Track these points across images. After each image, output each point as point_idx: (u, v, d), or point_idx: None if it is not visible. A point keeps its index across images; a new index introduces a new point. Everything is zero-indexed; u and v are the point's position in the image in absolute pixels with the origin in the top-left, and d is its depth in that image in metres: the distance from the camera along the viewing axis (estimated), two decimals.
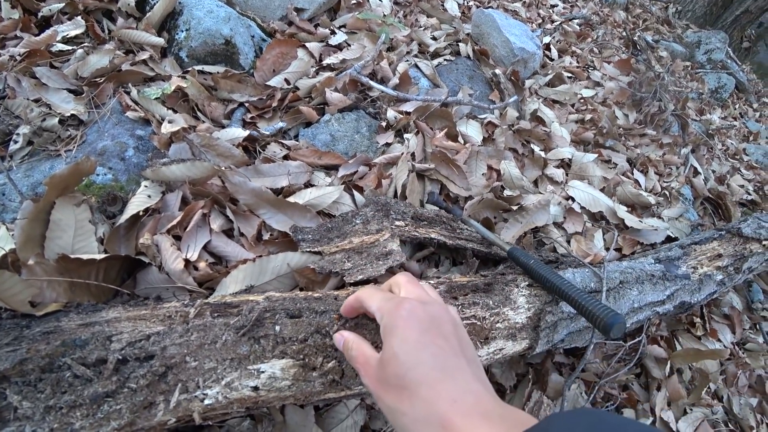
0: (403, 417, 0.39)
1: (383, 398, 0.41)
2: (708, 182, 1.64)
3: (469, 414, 0.36)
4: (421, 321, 0.42)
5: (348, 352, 0.48)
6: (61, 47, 0.94)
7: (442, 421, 0.36)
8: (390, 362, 0.41)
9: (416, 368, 0.39)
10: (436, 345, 0.41)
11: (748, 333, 1.26)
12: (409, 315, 0.43)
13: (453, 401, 0.37)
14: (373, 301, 0.47)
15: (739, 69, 3.26)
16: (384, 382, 0.41)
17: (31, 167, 0.76)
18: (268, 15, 1.21)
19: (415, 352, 0.40)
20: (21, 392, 0.46)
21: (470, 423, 0.35)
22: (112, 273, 0.65)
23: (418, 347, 0.40)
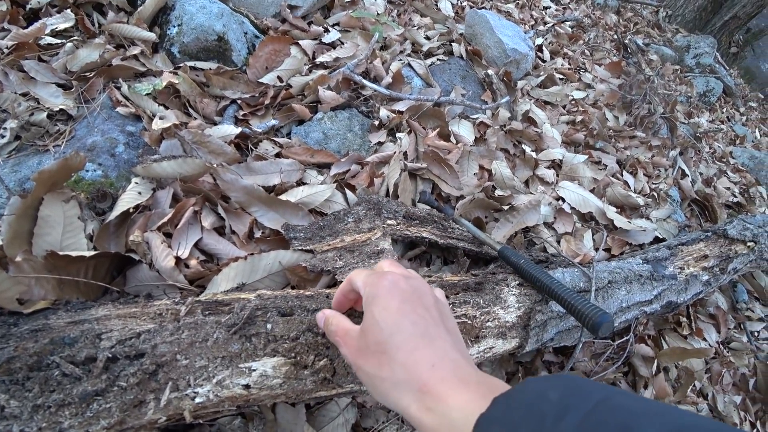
0: (382, 382, 0.39)
1: (363, 366, 0.41)
2: (695, 184, 1.67)
3: (447, 379, 0.37)
4: (403, 291, 0.43)
5: (328, 327, 0.48)
6: (49, 40, 0.93)
7: (420, 385, 0.37)
8: (371, 329, 0.41)
9: (396, 334, 0.40)
10: (416, 314, 0.42)
11: (733, 332, 1.28)
12: (392, 285, 0.44)
13: (431, 366, 0.38)
14: (359, 277, 0.47)
15: (727, 73, 3.32)
16: (364, 350, 0.42)
17: (18, 162, 0.75)
18: (261, 11, 1.21)
19: (396, 319, 0.41)
20: (8, 391, 0.46)
21: (448, 387, 0.36)
22: (102, 270, 0.64)
23: (399, 315, 0.41)
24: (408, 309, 0.42)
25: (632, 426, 0.25)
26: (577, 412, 0.27)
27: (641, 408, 0.27)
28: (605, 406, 0.27)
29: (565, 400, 0.29)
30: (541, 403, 0.29)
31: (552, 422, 0.27)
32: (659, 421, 0.25)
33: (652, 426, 0.24)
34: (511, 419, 0.30)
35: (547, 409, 0.28)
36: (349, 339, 0.44)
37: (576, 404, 0.28)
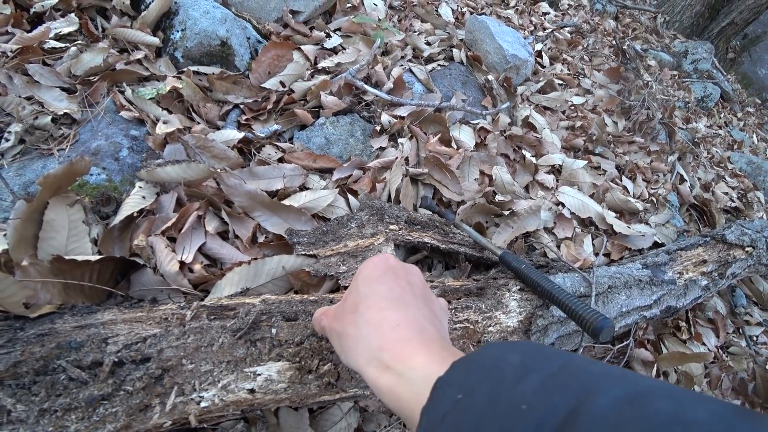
0: (347, 339, 0.40)
1: (334, 327, 0.43)
2: (694, 189, 1.68)
3: (410, 340, 0.36)
4: (388, 266, 0.45)
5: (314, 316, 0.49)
6: (54, 44, 0.93)
7: (381, 343, 0.36)
8: (351, 292, 0.43)
9: (370, 296, 0.41)
10: (396, 283, 0.43)
11: (732, 337, 1.29)
12: (380, 260, 0.45)
13: (396, 325, 0.37)
14: None
15: (725, 79, 3.34)
16: (342, 313, 0.43)
17: (23, 166, 0.75)
18: (263, 16, 1.21)
19: (373, 284, 0.42)
20: (15, 395, 0.46)
21: (410, 348, 0.35)
22: (106, 274, 0.64)
23: (377, 281, 0.43)
24: (389, 278, 0.43)
25: (592, 388, 0.24)
26: (537, 375, 0.27)
27: (601, 371, 0.26)
28: (566, 370, 0.27)
29: (526, 363, 0.28)
30: (500, 366, 0.29)
31: (511, 384, 0.27)
32: (619, 384, 0.24)
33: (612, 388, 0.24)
34: (469, 382, 0.29)
35: (507, 371, 0.28)
36: (329, 310, 0.46)
37: (536, 367, 0.27)
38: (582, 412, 0.23)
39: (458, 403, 0.27)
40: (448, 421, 0.27)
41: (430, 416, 0.29)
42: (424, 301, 0.43)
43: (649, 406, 0.22)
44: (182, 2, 1.00)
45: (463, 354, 0.35)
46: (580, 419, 0.22)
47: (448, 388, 0.29)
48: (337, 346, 0.42)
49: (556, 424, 0.23)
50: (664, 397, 0.23)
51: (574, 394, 0.24)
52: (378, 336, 0.37)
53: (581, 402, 0.23)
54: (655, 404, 0.22)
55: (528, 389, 0.26)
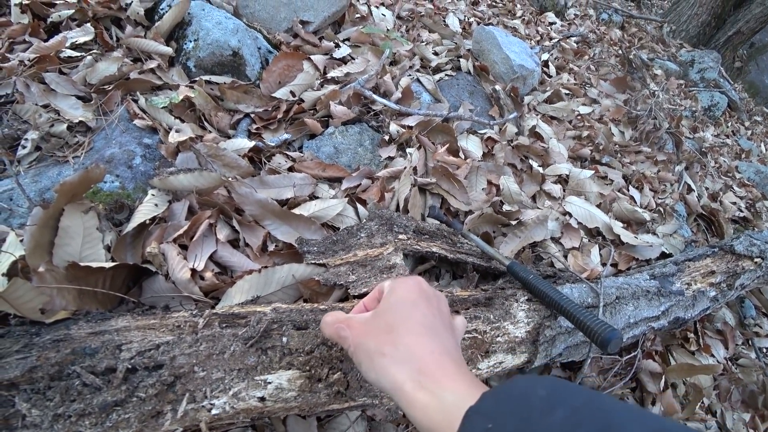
0: (382, 357, 0.41)
1: (365, 342, 0.43)
2: (701, 199, 1.68)
3: (446, 367, 0.39)
4: (422, 291, 0.47)
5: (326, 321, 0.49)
6: (70, 53, 0.95)
7: (421, 365, 0.39)
8: (386, 311, 0.44)
9: (408, 320, 0.43)
10: (429, 310, 0.45)
11: (741, 348, 1.28)
12: (414, 283, 0.47)
13: (432, 352, 0.40)
14: (389, 281, 0.50)
15: (732, 88, 3.34)
16: (373, 329, 0.44)
17: (38, 173, 0.77)
18: (273, 27, 1.23)
19: (410, 308, 0.44)
20: (30, 400, 0.46)
21: (445, 373, 0.38)
22: (119, 281, 0.65)
23: (413, 306, 0.44)
24: (423, 304, 0.45)
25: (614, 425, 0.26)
26: (563, 409, 0.28)
27: (623, 408, 0.28)
28: (591, 406, 0.29)
29: (553, 397, 0.30)
30: (529, 398, 0.31)
31: (539, 416, 0.28)
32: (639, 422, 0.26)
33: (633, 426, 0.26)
34: (499, 412, 0.31)
35: (535, 404, 0.30)
36: (353, 322, 0.46)
37: (562, 402, 0.29)
38: None
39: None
40: None
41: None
42: (451, 329, 0.46)
43: None
44: (195, 13, 1.02)
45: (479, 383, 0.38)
46: None
47: (479, 418, 0.31)
48: (365, 361, 0.42)
49: None
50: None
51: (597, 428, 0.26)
52: (417, 360, 0.39)
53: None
54: None
55: (555, 422, 0.28)
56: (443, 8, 1.88)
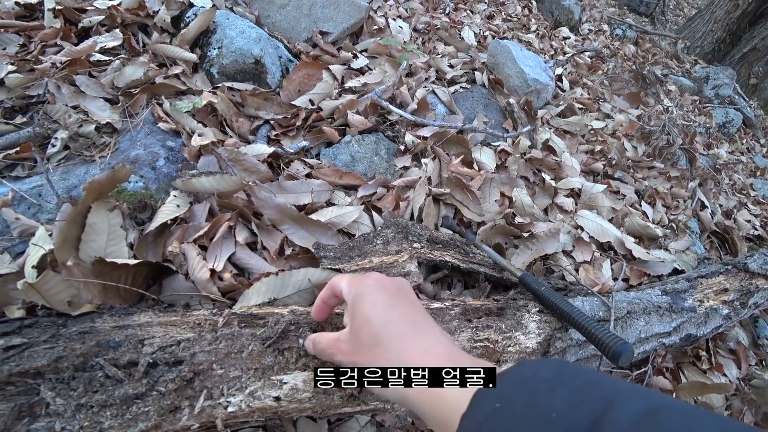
0: None
1: (361, 362, 0.43)
2: (715, 216, 1.66)
3: (441, 362, 0.38)
4: (387, 288, 0.46)
5: (317, 347, 0.49)
6: (99, 57, 0.99)
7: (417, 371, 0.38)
8: (363, 326, 0.43)
9: (388, 326, 0.42)
10: (403, 306, 0.44)
11: (755, 369, 1.26)
12: (377, 283, 0.46)
13: (425, 351, 0.40)
14: (342, 281, 0.49)
15: (747, 105, 3.31)
16: (358, 347, 0.43)
17: (67, 171, 0.79)
18: (294, 36, 1.27)
19: (386, 312, 0.43)
20: (54, 389, 0.48)
21: None
22: (140, 278, 0.67)
23: (388, 308, 0.43)
24: (396, 302, 0.44)
25: (615, 401, 0.27)
26: (567, 388, 0.29)
27: (624, 387, 0.29)
28: (593, 385, 0.30)
29: (557, 378, 0.31)
30: (534, 379, 0.32)
31: (544, 395, 0.30)
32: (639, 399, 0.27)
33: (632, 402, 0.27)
34: (506, 393, 0.32)
35: (540, 385, 0.31)
36: (340, 344, 0.46)
37: (566, 382, 0.30)
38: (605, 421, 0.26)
39: (496, 411, 0.30)
40: (485, 427, 0.30)
41: (469, 421, 0.32)
42: (425, 312, 0.46)
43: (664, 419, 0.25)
44: (220, 22, 1.06)
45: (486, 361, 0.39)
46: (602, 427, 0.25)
47: (487, 398, 0.32)
48: None
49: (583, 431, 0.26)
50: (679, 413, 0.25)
51: (599, 405, 0.27)
52: (410, 364, 0.39)
53: (605, 412, 0.26)
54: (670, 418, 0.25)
55: (558, 400, 0.29)
56: (459, 21, 1.91)
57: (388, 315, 0.43)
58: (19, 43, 0.98)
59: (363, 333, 0.43)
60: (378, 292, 0.45)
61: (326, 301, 0.53)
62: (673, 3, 5.30)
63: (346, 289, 0.47)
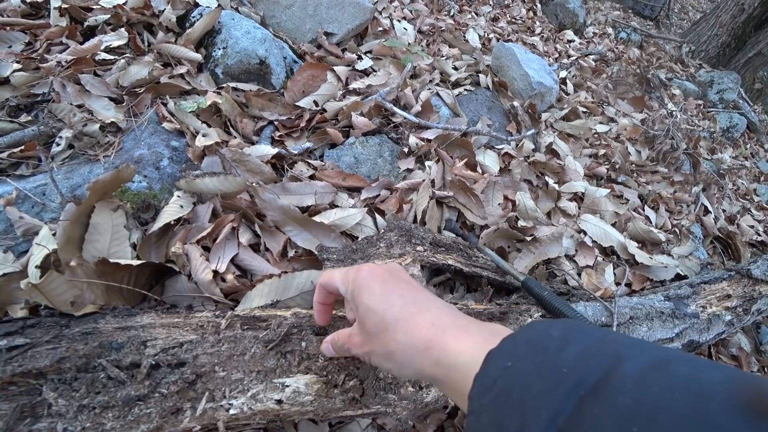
0: (394, 356, 0.41)
1: (375, 350, 0.43)
2: (718, 221, 1.66)
3: (449, 331, 0.39)
4: (380, 275, 0.46)
5: (337, 344, 0.50)
6: (104, 56, 0.99)
7: (426, 343, 0.39)
8: (366, 316, 0.44)
9: (390, 309, 0.43)
10: (400, 288, 0.45)
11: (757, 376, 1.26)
12: (370, 273, 0.47)
13: (431, 324, 0.40)
14: (336, 277, 0.49)
15: (751, 109, 3.30)
16: (369, 336, 0.44)
17: (71, 170, 0.79)
18: (299, 37, 1.27)
19: (384, 297, 0.44)
20: (57, 389, 0.48)
21: (451, 337, 0.39)
22: (143, 278, 0.67)
23: (385, 293, 0.44)
24: (391, 286, 0.45)
25: (623, 355, 0.28)
26: (576, 345, 0.30)
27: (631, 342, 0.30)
28: (601, 341, 0.30)
29: (567, 336, 0.32)
30: (544, 339, 0.32)
31: (554, 352, 0.30)
32: (646, 352, 0.28)
33: (640, 355, 0.27)
34: (517, 352, 0.33)
35: (550, 343, 0.31)
36: (354, 338, 0.47)
37: (575, 339, 0.31)
38: (614, 374, 0.26)
39: (508, 369, 0.31)
40: (499, 384, 0.31)
41: (482, 381, 0.33)
42: (424, 290, 0.47)
43: (671, 369, 0.26)
44: (225, 22, 1.06)
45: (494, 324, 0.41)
46: (612, 379, 0.26)
47: (499, 358, 0.33)
48: (386, 365, 0.43)
49: (592, 384, 0.26)
50: (685, 363, 0.26)
51: (607, 360, 0.28)
52: (420, 340, 0.40)
53: (613, 366, 0.27)
54: (677, 368, 0.26)
55: (568, 356, 0.29)
56: (463, 24, 1.91)
57: (388, 300, 0.44)
58: (25, 42, 0.98)
59: (368, 323, 0.44)
60: (372, 280, 0.46)
61: (322, 301, 0.53)
62: (677, 7, 5.29)
63: (342, 286, 0.48)
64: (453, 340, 0.38)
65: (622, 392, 0.25)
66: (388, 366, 0.43)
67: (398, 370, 0.42)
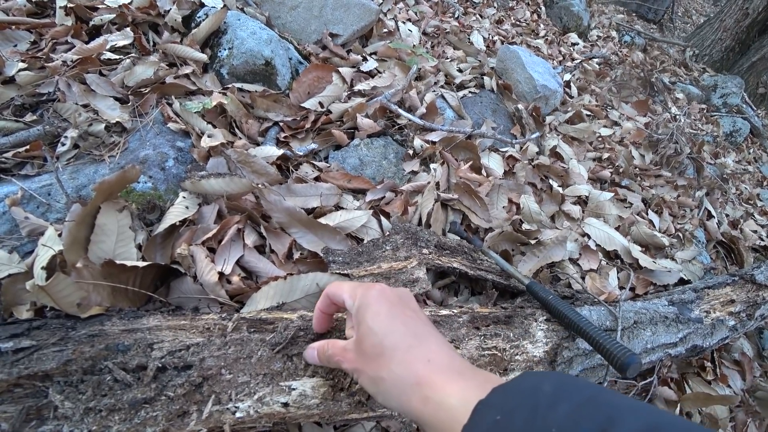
0: (383, 382, 0.41)
1: (365, 371, 0.43)
2: (721, 226, 1.65)
3: (443, 371, 0.39)
4: (389, 298, 0.46)
5: (325, 354, 0.49)
6: (109, 56, 0.99)
7: (418, 379, 0.39)
8: (366, 335, 0.43)
9: (390, 336, 0.42)
10: (405, 315, 0.45)
11: (759, 381, 1.25)
12: (379, 294, 0.46)
13: (427, 361, 0.40)
14: (344, 290, 0.49)
15: (755, 114, 3.30)
16: (363, 356, 0.44)
17: (76, 170, 0.79)
18: (304, 38, 1.26)
19: (388, 322, 0.43)
20: (63, 392, 0.48)
21: (444, 378, 0.38)
22: (148, 280, 0.67)
23: (390, 318, 0.44)
24: (398, 312, 0.45)
25: (616, 418, 0.27)
26: (568, 404, 0.30)
27: (625, 404, 0.29)
28: (593, 401, 0.30)
29: (558, 392, 0.31)
30: (536, 393, 0.32)
31: (545, 410, 0.30)
32: (640, 416, 0.27)
33: (633, 420, 0.27)
34: (507, 406, 0.32)
35: (541, 399, 0.31)
36: (347, 353, 0.46)
37: (567, 397, 0.31)
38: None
39: (497, 423, 0.31)
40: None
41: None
42: (427, 320, 0.47)
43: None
44: (231, 22, 1.06)
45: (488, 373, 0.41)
46: None
47: (488, 410, 0.33)
48: (371, 389, 0.43)
49: None
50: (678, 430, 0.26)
51: (599, 422, 0.28)
52: (413, 375, 0.39)
53: (606, 430, 0.27)
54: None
55: (559, 415, 0.29)
56: (468, 26, 1.91)
57: (390, 325, 0.43)
58: (30, 41, 0.98)
59: (366, 343, 0.43)
60: (380, 302, 0.45)
61: (324, 310, 0.53)
62: (681, 10, 5.29)
63: (349, 300, 0.48)
64: (446, 380, 0.38)
65: None
66: (373, 391, 0.43)
67: (383, 398, 0.42)
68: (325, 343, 0.50)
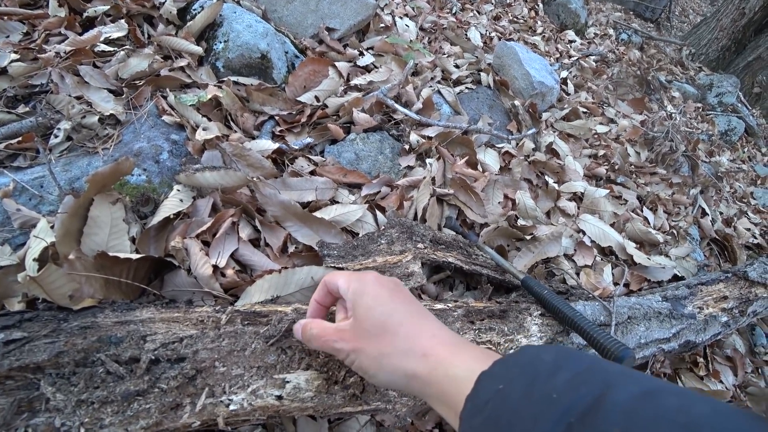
0: (387, 357, 0.42)
1: (366, 349, 0.43)
2: (715, 224, 1.66)
3: (447, 345, 0.41)
4: (387, 284, 0.48)
5: (309, 332, 0.49)
6: (103, 48, 0.98)
7: (424, 350, 0.41)
8: (367, 316, 0.44)
9: (395, 313, 0.44)
10: (405, 300, 0.47)
11: (750, 376, 1.26)
12: (376, 280, 0.48)
13: (432, 335, 0.42)
14: (339, 280, 0.49)
15: (750, 113, 3.31)
16: (364, 336, 0.44)
17: (69, 162, 0.79)
18: (300, 32, 1.26)
19: (390, 302, 0.45)
20: (55, 384, 0.48)
21: (449, 351, 0.40)
22: (141, 272, 0.67)
23: (391, 300, 0.45)
24: (398, 296, 0.46)
25: (613, 384, 0.28)
26: (566, 372, 0.31)
27: (621, 371, 0.31)
28: (591, 369, 0.31)
29: (558, 362, 0.33)
30: (536, 363, 0.33)
31: (545, 378, 0.31)
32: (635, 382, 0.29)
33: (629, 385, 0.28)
34: (509, 375, 0.34)
35: (542, 368, 0.32)
36: (343, 333, 0.46)
37: (566, 366, 0.32)
38: (603, 402, 0.27)
39: (499, 392, 0.32)
40: (490, 406, 0.32)
41: (474, 402, 0.34)
42: (422, 305, 0.48)
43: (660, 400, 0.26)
44: (227, 15, 1.05)
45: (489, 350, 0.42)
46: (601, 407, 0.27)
47: (491, 380, 0.34)
48: (372, 366, 0.43)
49: (581, 410, 0.27)
50: (673, 395, 0.27)
51: (597, 387, 0.29)
52: (419, 347, 0.41)
53: (603, 394, 0.28)
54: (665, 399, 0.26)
55: (559, 382, 0.30)
56: (465, 22, 1.91)
57: (392, 304, 0.45)
58: (23, 32, 0.97)
59: (368, 322, 0.44)
60: (379, 287, 0.47)
61: (320, 300, 0.53)
62: (678, 9, 5.30)
63: (344, 286, 0.48)
64: (452, 352, 0.40)
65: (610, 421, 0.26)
66: (375, 369, 0.43)
67: (385, 375, 0.42)
68: (311, 322, 0.50)
